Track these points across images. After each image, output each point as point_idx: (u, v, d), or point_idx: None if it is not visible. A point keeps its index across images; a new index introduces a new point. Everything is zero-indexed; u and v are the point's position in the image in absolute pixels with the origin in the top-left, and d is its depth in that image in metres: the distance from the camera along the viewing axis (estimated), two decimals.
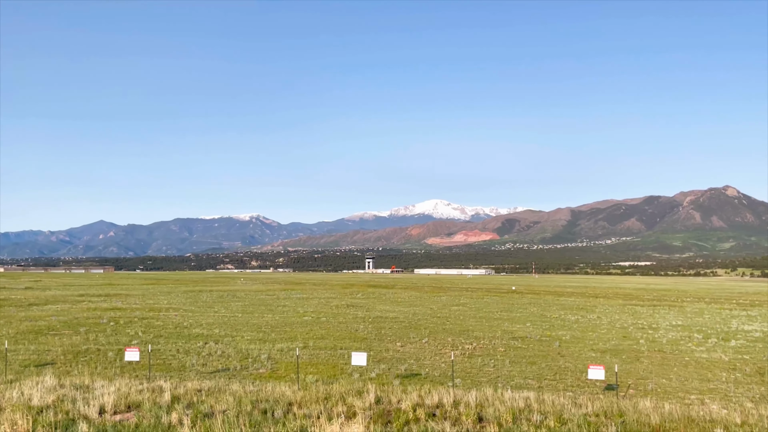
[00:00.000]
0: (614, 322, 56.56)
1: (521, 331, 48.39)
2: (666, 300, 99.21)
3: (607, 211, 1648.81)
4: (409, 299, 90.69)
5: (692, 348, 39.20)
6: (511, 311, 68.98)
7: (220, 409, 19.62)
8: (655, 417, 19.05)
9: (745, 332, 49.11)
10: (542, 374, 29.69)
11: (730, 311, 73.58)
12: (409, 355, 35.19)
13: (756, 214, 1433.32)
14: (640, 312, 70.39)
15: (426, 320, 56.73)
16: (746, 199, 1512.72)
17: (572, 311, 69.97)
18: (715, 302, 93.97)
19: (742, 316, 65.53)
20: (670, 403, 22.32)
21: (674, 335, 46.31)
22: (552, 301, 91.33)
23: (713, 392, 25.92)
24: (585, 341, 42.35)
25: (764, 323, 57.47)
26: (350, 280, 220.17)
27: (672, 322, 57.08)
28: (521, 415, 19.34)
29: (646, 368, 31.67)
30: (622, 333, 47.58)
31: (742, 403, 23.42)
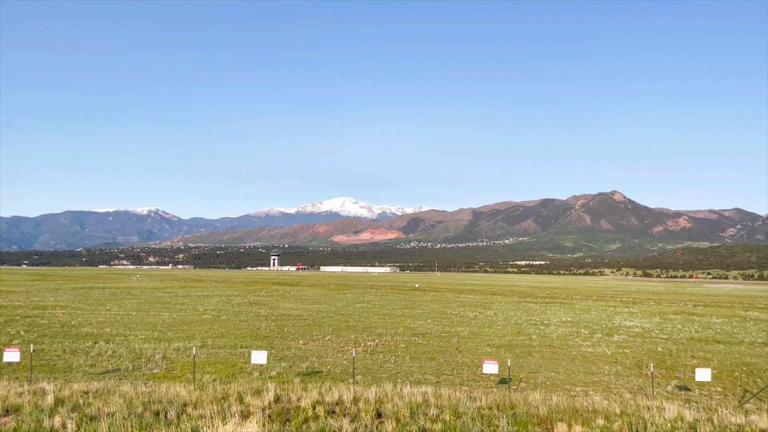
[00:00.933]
0: (510, 319, 59.05)
1: (422, 327, 49.44)
2: (557, 297, 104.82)
3: (506, 212, 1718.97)
4: (314, 297, 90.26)
5: (579, 343, 41.66)
6: (413, 308, 70.31)
7: (109, 412, 18.63)
8: (544, 408, 20.06)
9: (627, 328, 52.78)
10: (441, 369, 30.49)
11: (614, 308, 78.82)
12: (311, 353, 35.02)
13: (639, 218, 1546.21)
14: (534, 309, 73.92)
15: (330, 318, 56.69)
16: (631, 204, 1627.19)
17: (471, 308, 72.34)
18: (602, 300, 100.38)
19: (625, 313, 70.37)
20: (557, 395, 23.61)
21: (564, 331, 49.01)
22: (453, 298, 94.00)
23: (597, 384, 27.67)
24: (482, 337, 43.92)
25: (644, 319, 62.02)
26: (254, 277, 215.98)
27: (562, 319, 60.38)
28: (419, 409, 19.76)
29: (537, 362, 33.31)
30: (516, 329, 49.76)
31: (621, 394, 25.18)
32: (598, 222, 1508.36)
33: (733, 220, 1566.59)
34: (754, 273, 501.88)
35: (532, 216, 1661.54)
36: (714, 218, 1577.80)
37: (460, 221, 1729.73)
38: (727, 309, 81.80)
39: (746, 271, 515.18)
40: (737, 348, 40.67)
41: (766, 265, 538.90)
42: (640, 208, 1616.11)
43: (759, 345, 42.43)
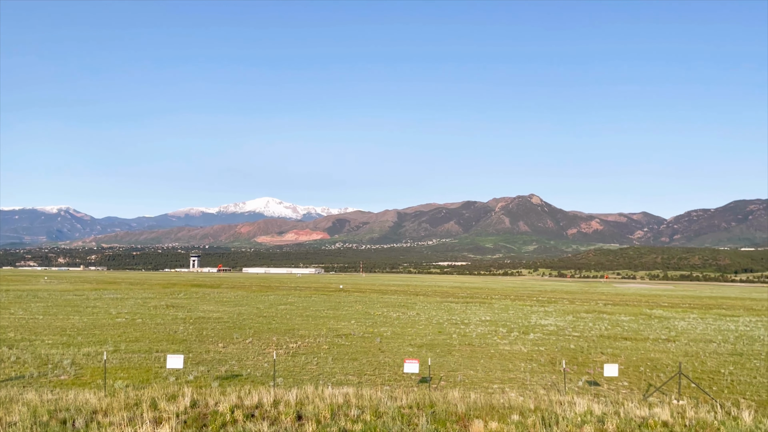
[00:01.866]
0: (431, 318, 60.01)
1: (346, 328, 49.41)
2: (478, 297, 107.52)
3: (429, 214, 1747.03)
4: (235, 299, 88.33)
5: (497, 341, 42.88)
6: (337, 309, 70.16)
7: (11, 421, 17.49)
8: (462, 406, 20.50)
9: (542, 326, 54.81)
10: (363, 370, 30.57)
11: (530, 307, 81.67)
12: (231, 356, 34.24)
13: (555, 220, 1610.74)
14: (455, 308, 75.48)
15: (251, 320, 55.64)
16: (548, 207, 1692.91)
17: (395, 308, 72.99)
18: (519, 299, 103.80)
19: (541, 312, 73.05)
20: (475, 393, 24.20)
21: (483, 330, 50.30)
22: (376, 299, 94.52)
23: (513, 381, 28.55)
24: (404, 337, 44.39)
25: (558, 318, 64.60)
26: (172, 279, 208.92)
27: (482, 318, 61.97)
28: (340, 410, 19.71)
29: (456, 361, 34.01)
30: (437, 328, 50.62)
31: (536, 390, 26.10)
32: (517, 224, 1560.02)
33: (641, 223, 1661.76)
34: (659, 273, 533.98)
35: (454, 218, 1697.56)
36: (623, 221, 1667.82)
37: (385, 222, 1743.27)
38: (634, 307, 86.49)
39: (652, 272, 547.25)
40: (643, 344, 43.07)
41: (670, 266, 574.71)
42: (556, 211, 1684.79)
43: (662, 341, 45.10)
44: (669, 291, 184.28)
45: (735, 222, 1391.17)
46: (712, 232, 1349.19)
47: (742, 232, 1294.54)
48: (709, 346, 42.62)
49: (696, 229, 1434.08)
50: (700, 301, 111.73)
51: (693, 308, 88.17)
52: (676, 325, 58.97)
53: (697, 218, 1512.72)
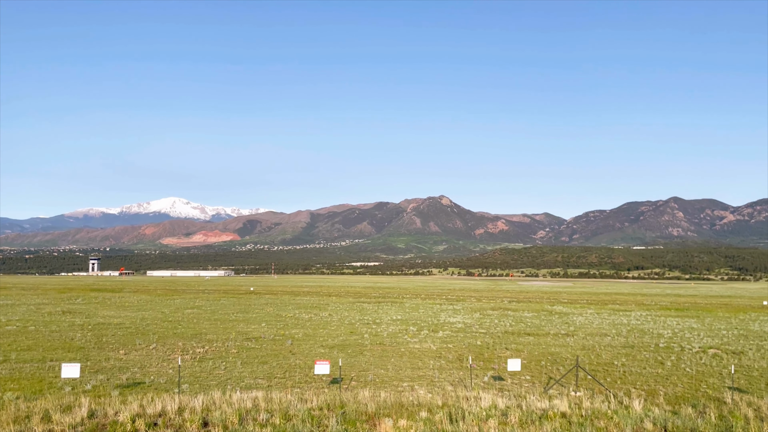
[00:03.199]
0: (344, 319, 60.08)
1: (256, 331, 48.52)
2: (389, 297, 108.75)
3: (342, 215, 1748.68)
4: (139, 303, 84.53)
5: (408, 340, 43.57)
6: (247, 312, 68.74)
7: None
8: (372, 405, 20.69)
9: (451, 324, 56.23)
10: (273, 373, 30.14)
11: (440, 306, 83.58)
12: (133, 363, 32.74)
13: (464, 221, 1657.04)
14: (367, 308, 75.97)
15: (155, 325, 53.45)
16: (457, 208, 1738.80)
17: (307, 310, 72.47)
18: (429, 298, 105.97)
19: (449, 310, 74.91)
20: (385, 392, 24.48)
21: (394, 329, 50.94)
22: (288, 300, 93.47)
23: (422, 379, 29.11)
24: (316, 338, 44.18)
25: (466, 316, 66.49)
26: (69, 283, 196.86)
27: (393, 317, 62.74)
28: (248, 415, 19.36)
29: (368, 360, 34.25)
30: (349, 329, 50.76)
31: (444, 387, 26.74)
32: (428, 224, 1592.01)
33: (543, 223, 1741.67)
34: (560, 271, 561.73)
35: (367, 218, 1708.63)
36: (527, 222, 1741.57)
37: (298, 223, 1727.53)
38: (536, 304, 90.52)
39: (553, 270, 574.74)
40: (544, 339, 45.16)
41: (570, 264, 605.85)
42: (464, 212, 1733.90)
43: (562, 336, 47.47)
44: (569, 288, 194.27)
45: (628, 222, 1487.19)
46: (608, 232, 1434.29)
47: (634, 231, 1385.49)
48: (604, 339, 45.31)
49: (593, 229, 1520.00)
50: (597, 297, 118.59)
51: (590, 304, 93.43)
52: (575, 320, 62.25)
53: (594, 219, 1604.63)
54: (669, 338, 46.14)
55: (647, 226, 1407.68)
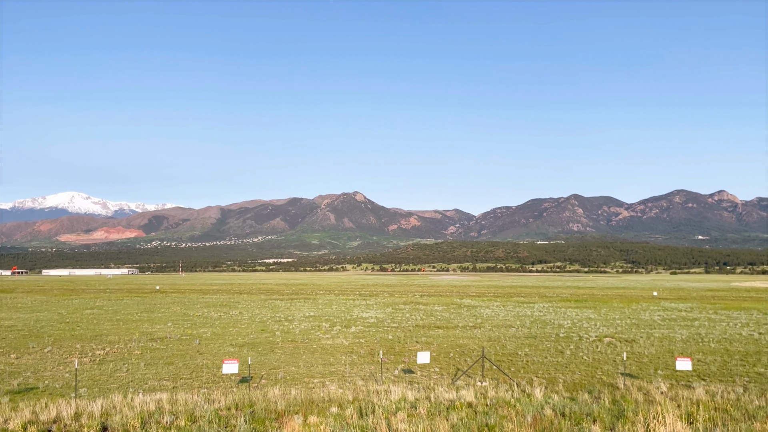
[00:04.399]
0: (255, 317, 59.04)
1: (161, 331, 46.74)
2: (303, 293, 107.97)
3: (255, 211, 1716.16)
4: (33, 304, 79.21)
5: (320, 336, 43.44)
6: (152, 312, 66.08)
7: None
8: (282, 403, 20.47)
9: (363, 319, 56.58)
10: (179, 374, 29.16)
11: (353, 301, 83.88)
12: (25, 368, 30.66)
13: (377, 216, 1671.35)
14: (279, 306, 75.04)
15: (51, 327, 50.31)
16: (371, 204, 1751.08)
17: (216, 308, 70.61)
18: (343, 294, 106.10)
19: (362, 305, 75.35)
20: (296, 389, 24.30)
21: (306, 325, 50.63)
22: (197, 299, 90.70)
23: (334, 374, 29.11)
24: (225, 337, 43.15)
25: (379, 310, 67.12)
26: None
27: (306, 314, 62.34)
28: (151, 418, 18.62)
29: (279, 358, 33.85)
30: (260, 326, 49.94)
31: (355, 382, 26.88)
32: (342, 221, 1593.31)
33: (454, 219, 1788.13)
34: (469, 265, 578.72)
35: (280, 214, 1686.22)
36: (438, 218, 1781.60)
37: (208, 219, 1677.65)
38: (446, 298, 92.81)
39: (463, 264, 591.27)
40: (453, 332, 46.38)
41: (478, 258, 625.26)
42: (378, 208, 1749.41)
43: (470, 328, 48.93)
44: (477, 282, 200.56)
45: (532, 218, 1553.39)
46: (514, 228, 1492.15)
47: (538, 227, 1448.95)
48: (509, 330, 47.12)
49: (500, 224, 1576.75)
50: (503, 290, 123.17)
51: (497, 297, 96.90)
52: (482, 312, 64.36)
53: (501, 215, 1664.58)
54: (569, 328, 48.62)
55: (550, 222, 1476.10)
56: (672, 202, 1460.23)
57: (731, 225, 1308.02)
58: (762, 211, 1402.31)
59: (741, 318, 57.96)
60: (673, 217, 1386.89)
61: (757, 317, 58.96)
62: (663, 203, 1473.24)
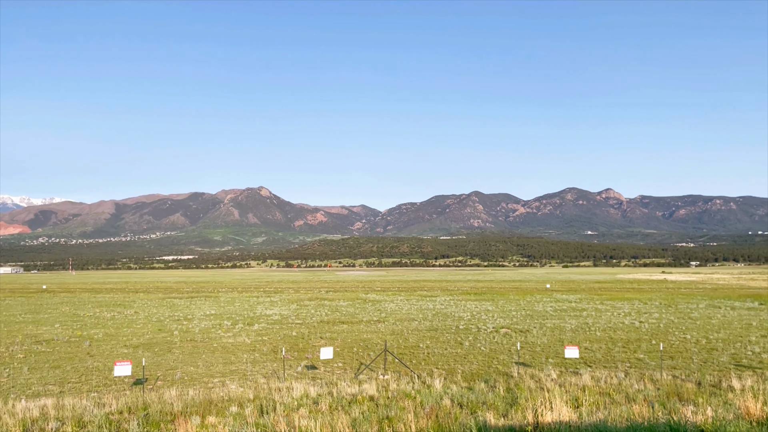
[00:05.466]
0: (151, 316, 56.66)
1: (48, 333, 43.83)
2: (204, 291, 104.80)
3: (153, 206, 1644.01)
4: None
5: (221, 334, 42.38)
6: (38, 313, 61.77)
7: None
8: (179, 404, 19.82)
9: (267, 316, 55.79)
10: (67, 378, 27.48)
11: (257, 298, 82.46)
12: None
13: (283, 212, 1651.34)
14: (178, 304, 72.43)
15: None
16: (276, 200, 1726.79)
17: (109, 308, 67.11)
18: (246, 291, 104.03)
19: (266, 302, 74.25)
20: (194, 389, 23.59)
21: (207, 324, 49.23)
22: (88, 298, 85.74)
23: (234, 373, 28.51)
24: (119, 338, 41.13)
25: (283, 307, 66.40)
26: None
27: (206, 312, 60.57)
28: (35, 425, 17.45)
29: (176, 358, 32.70)
30: (158, 326, 48.01)
31: (257, 380, 26.46)
32: (246, 216, 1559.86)
33: (360, 215, 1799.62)
34: (375, 260, 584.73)
35: (180, 209, 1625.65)
36: (345, 213, 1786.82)
37: (101, 215, 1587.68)
38: (352, 293, 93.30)
39: (369, 259, 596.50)
40: (357, 326, 46.73)
41: (384, 254, 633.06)
42: (284, 204, 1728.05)
43: (374, 323, 49.50)
44: (382, 276, 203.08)
45: (436, 214, 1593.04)
46: (418, 223, 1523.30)
47: (441, 222, 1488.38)
48: (412, 324, 48.11)
49: (405, 220, 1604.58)
50: (407, 285, 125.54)
51: (401, 291, 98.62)
52: (387, 306, 65.28)
53: (406, 211, 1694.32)
54: (468, 320, 50.33)
55: (452, 218, 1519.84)
56: (564, 200, 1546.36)
57: (617, 221, 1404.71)
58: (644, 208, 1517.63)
59: (624, 308, 62.36)
60: (565, 213, 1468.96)
61: (639, 307, 63.68)
62: (556, 200, 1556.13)
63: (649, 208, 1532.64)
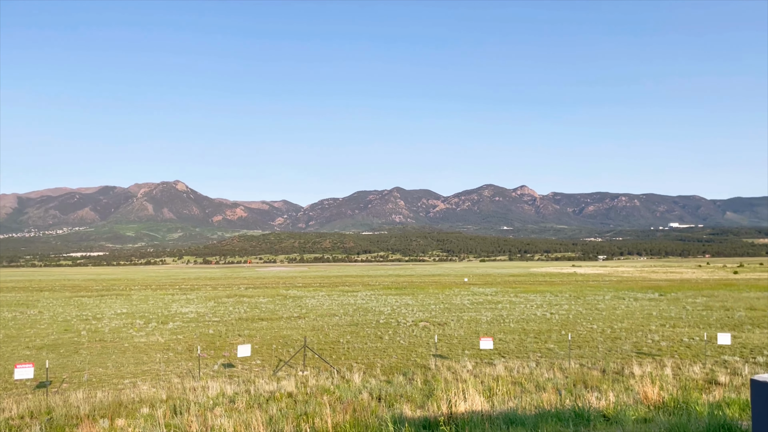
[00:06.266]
0: (57, 316, 53.69)
1: None
2: (115, 289, 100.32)
3: (59, 200, 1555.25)
4: None
5: (133, 334, 40.74)
6: None
7: None
8: (85, 407, 18.91)
9: (183, 314, 54.14)
10: None
11: (172, 296, 79.84)
12: None
13: (201, 207, 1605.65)
14: (87, 303, 69.01)
15: None
16: (194, 194, 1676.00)
17: (10, 308, 63.01)
18: (161, 288, 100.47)
19: (182, 300, 72.05)
20: (102, 391, 22.58)
21: (118, 323, 47.19)
22: None
23: (147, 374, 27.49)
24: (21, 339, 38.71)
25: (200, 305, 64.65)
26: None
27: (117, 311, 58.04)
28: None
29: (84, 359, 31.16)
30: (64, 326, 45.55)
31: (170, 380, 25.63)
32: (161, 211, 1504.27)
33: (282, 210, 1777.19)
34: (297, 256, 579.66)
35: (90, 204, 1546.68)
36: (266, 209, 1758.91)
37: (1, 209, 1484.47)
38: (272, 289, 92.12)
39: (291, 255, 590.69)
40: (277, 323, 46.20)
41: (306, 249, 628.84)
42: (201, 198, 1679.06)
43: (294, 319, 49.11)
44: (304, 272, 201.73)
45: (358, 210, 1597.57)
46: (341, 219, 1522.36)
47: (364, 218, 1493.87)
48: (333, 319, 48.10)
49: (327, 215, 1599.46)
50: (329, 280, 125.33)
51: (322, 287, 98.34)
52: (308, 302, 64.92)
53: (328, 206, 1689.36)
54: (388, 315, 50.88)
55: (374, 213, 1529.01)
56: (482, 196, 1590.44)
57: (531, 216, 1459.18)
58: (556, 204, 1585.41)
59: (537, 300, 64.98)
60: (482, 209, 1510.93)
61: (550, 299, 66.53)
62: (474, 196, 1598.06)
63: (561, 204, 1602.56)
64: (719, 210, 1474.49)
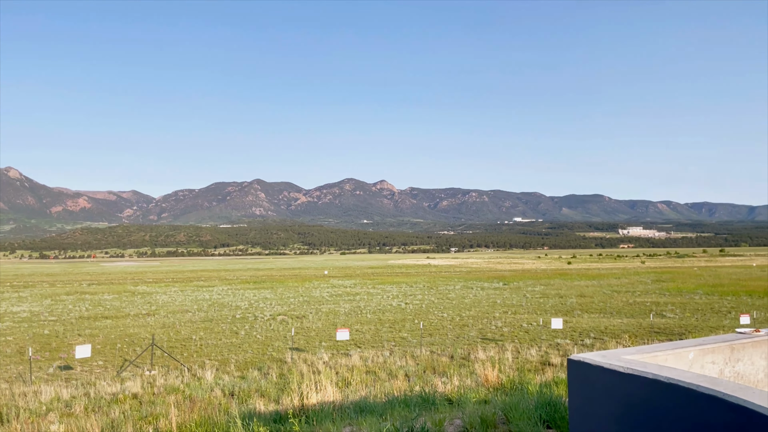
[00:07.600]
0: None
1: None
2: None
3: None
4: None
5: None
6: None
7: None
8: None
9: (14, 314, 49.12)
10: None
11: (1, 294, 72.09)
12: None
13: (37, 197, 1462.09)
14: None
15: None
16: (29, 182, 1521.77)
17: None
18: None
19: (14, 298, 65.35)
20: None
21: None
22: None
23: None
24: None
25: (34, 303, 58.99)
26: None
27: None
28: None
29: None
30: None
31: None
32: None
33: (131, 201, 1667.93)
34: (148, 250, 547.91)
35: None
36: (113, 199, 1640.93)
37: None
38: (119, 285, 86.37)
39: (141, 249, 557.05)
40: (123, 321, 43.43)
41: (158, 243, 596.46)
42: (38, 187, 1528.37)
43: (143, 316, 46.47)
44: (155, 267, 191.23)
45: (216, 202, 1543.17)
46: (197, 211, 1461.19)
47: (222, 210, 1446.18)
48: (185, 315, 46.16)
49: (182, 207, 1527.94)
50: (183, 275, 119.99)
51: (175, 282, 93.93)
52: (158, 299, 61.70)
53: (183, 197, 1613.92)
54: (245, 309, 49.84)
55: (233, 206, 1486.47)
56: (343, 189, 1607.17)
57: (390, 210, 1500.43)
58: (413, 199, 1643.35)
59: (393, 291, 67.05)
60: (343, 203, 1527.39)
61: (405, 290, 68.94)
62: (336, 190, 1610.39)
63: (418, 199, 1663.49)
64: (556, 206, 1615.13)
